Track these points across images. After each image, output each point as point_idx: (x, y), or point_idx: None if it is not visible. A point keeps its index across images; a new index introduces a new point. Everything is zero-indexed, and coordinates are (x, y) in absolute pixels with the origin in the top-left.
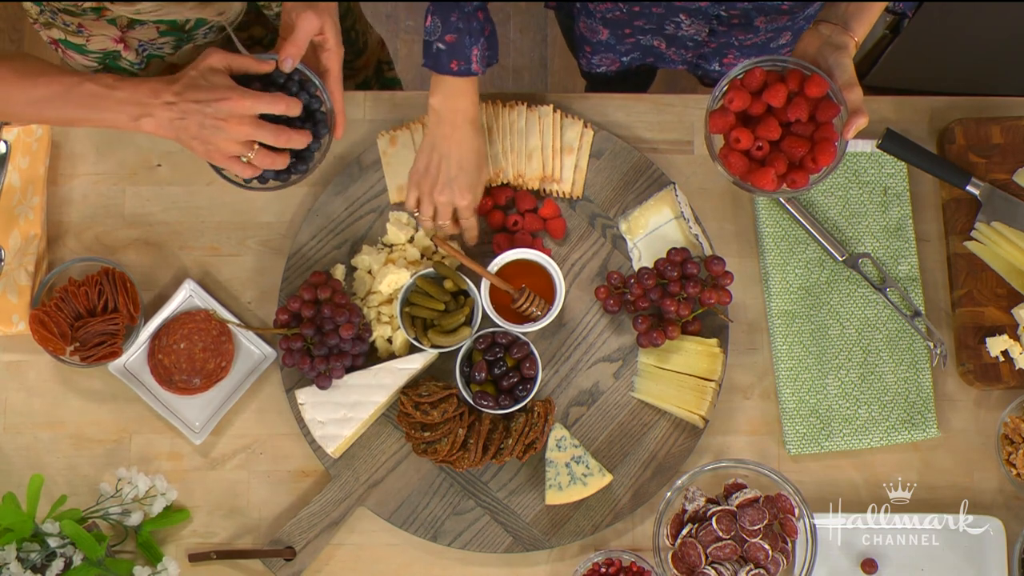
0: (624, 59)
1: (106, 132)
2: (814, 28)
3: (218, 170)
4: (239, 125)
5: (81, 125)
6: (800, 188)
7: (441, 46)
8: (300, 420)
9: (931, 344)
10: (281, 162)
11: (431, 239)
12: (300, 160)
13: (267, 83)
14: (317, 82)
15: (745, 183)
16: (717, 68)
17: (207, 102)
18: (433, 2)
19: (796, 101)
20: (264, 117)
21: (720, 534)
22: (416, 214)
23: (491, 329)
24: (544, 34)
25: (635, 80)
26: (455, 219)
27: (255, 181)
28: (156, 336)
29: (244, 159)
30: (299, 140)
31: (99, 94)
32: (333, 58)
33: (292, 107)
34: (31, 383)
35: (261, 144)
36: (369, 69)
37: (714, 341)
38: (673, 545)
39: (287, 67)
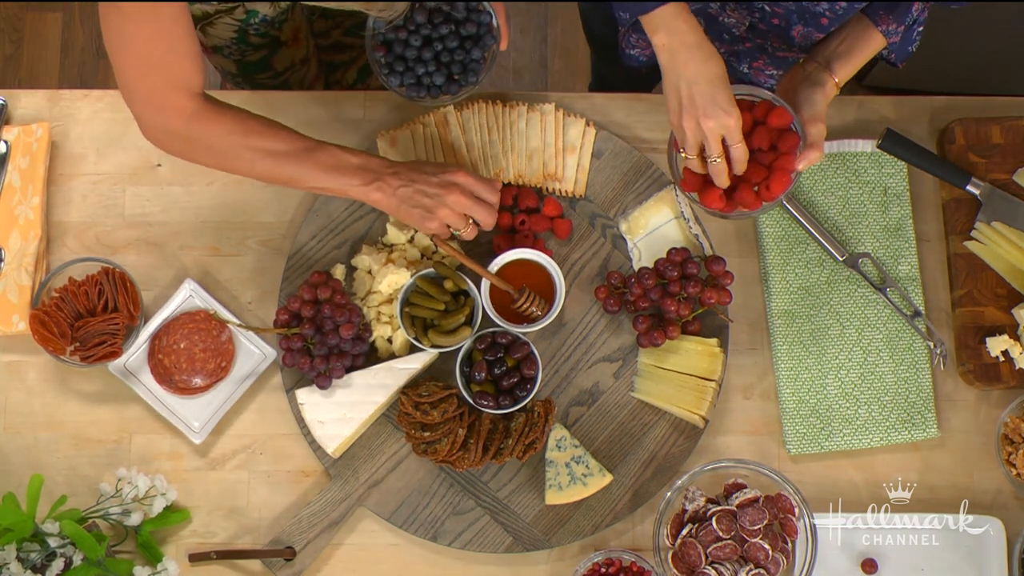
0: None
1: (106, 132)
2: (800, 65)
3: (392, 86)
4: (459, 196)
5: (302, 187)
6: (751, 212)
7: None
8: (300, 420)
9: (931, 344)
10: (491, 219)
11: (431, 239)
12: (470, 72)
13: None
14: None
15: (697, 201)
16: (745, 71)
17: (433, 173)
18: None
19: (759, 130)
20: None
21: (720, 534)
22: (687, 157)
23: (491, 329)
24: (544, 34)
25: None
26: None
27: (428, 96)
28: (156, 336)
29: (456, 233)
30: (494, 216)
31: (340, 159)
32: None
33: (499, 194)
34: (31, 383)
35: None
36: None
37: (714, 341)
38: (673, 545)
39: None
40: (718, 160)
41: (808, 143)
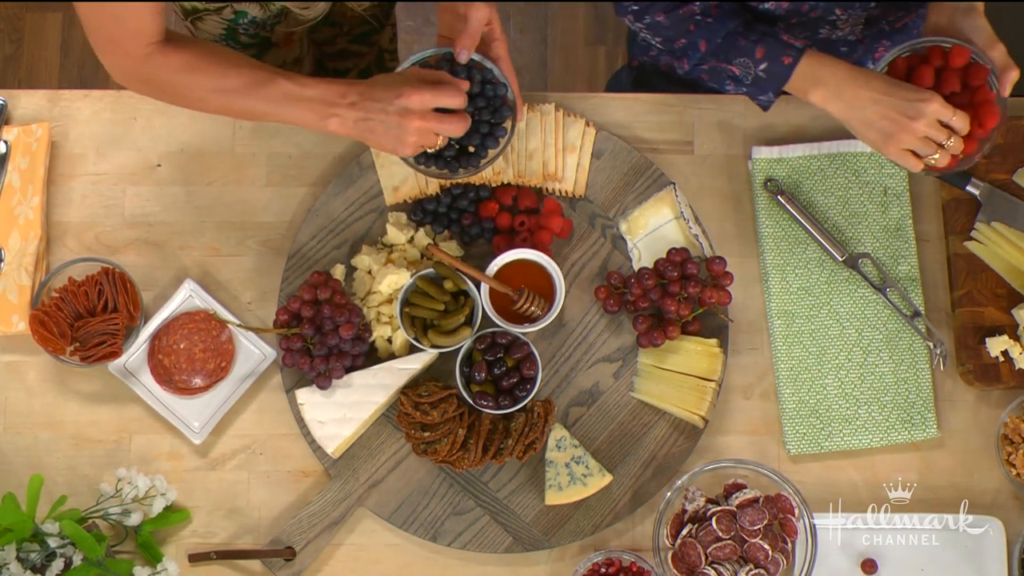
0: None
1: (106, 132)
2: (937, 2)
3: (410, 162)
4: (420, 120)
5: (264, 120)
6: (974, 155)
7: (762, 67)
8: (300, 420)
9: (931, 344)
10: (461, 129)
11: (426, 247)
12: (492, 139)
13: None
14: (494, 70)
15: (930, 172)
16: (870, 65)
17: (387, 100)
18: (718, 55)
19: (945, 76)
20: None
21: (720, 534)
22: (934, 160)
23: (491, 329)
24: (544, 34)
25: None
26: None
27: (446, 170)
28: (156, 336)
29: (431, 151)
30: (466, 123)
31: (291, 92)
32: (502, 46)
33: (463, 98)
34: (31, 383)
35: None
36: (372, 55)
37: (714, 341)
38: (673, 545)
39: (463, 59)
40: (951, 142)
41: (999, 66)
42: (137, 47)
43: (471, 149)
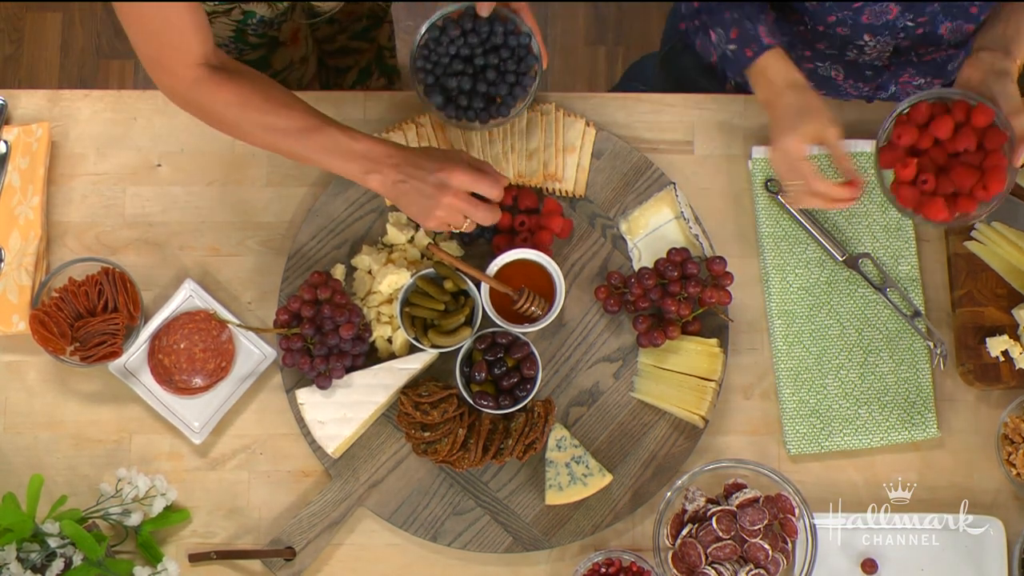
0: None
1: (106, 132)
2: (974, 56)
3: (440, 113)
4: (453, 198)
5: (306, 164)
6: (970, 215)
7: (731, 47)
8: (300, 420)
9: (931, 344)
10: (490, 219)
11: (427, 247)
12: (521, 87)
13: (472, 30)
14: (516, 20)
15: (917, 215)
16: (893, 90)
17: (429, 170)
18: (706, 15)
19: (963, 131)
20: None
21: (720, 534)
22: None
23: (491, 329)
24: (544, 34)
25: None
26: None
27: (477, 120)
28: (156, 336)
29: (456, 231)
30: (496, 215)
31: (340, 143)
32: None
33: (500, 191)
34: (31, 383)
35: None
36: (372, 52)
37: (714, 341)
38: (673, 545)
39: (485, 12)
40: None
41: (1019, 136)
42: (182, 67)
43: (499, 100)
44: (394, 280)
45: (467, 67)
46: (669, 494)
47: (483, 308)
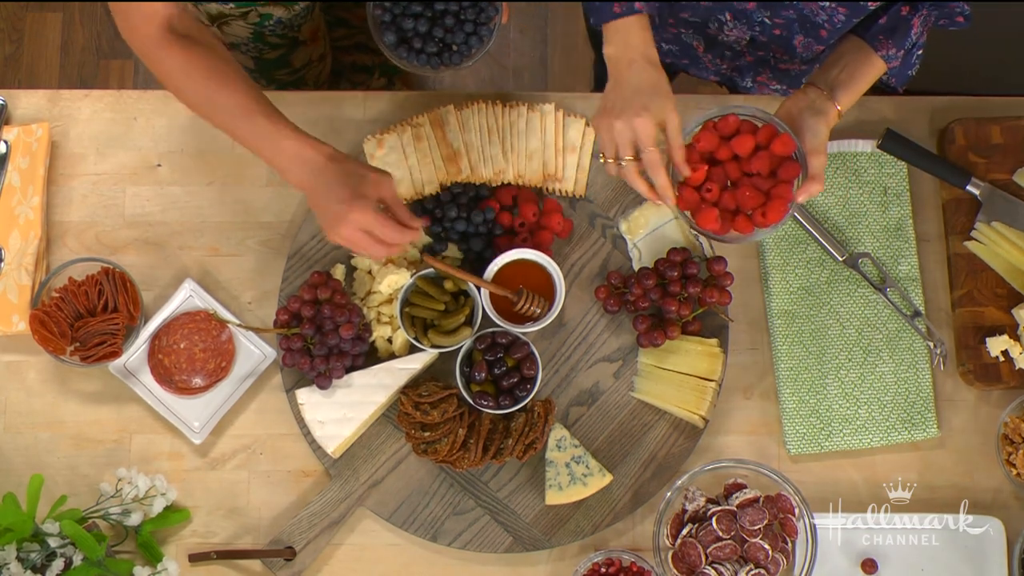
0: (660, 47)
1: (106, 132)
2: (803, 89)
3: (391, 53)
4: (351, 232)
5: (239, 143)
6: (745, 237)
7: None
8: (300, 420)
9: (931, 344)
10: (377, 257)
11: (420, 252)
12: (477, 37)
13: None
14: None
15: (691, 219)
16: (749, 85)
17: (344, 189)
18: None
19: (761, 154)
20: None
21: (720, 534)
22: (605, 161)
23: (491, 329)
24: (544, 34)
25: None
26: (638, 156)
27: (428, 65)
28: (156, 336)
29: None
30: (413, 235)
31: (270, 134)
32: None
33: (398, 247)
34: (31, 383)
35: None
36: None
37: (714, 341)
38: (673, 545)
39: None
40: (631, 161)
41: (809, 175)
42: (143, 25)
43: (454, 48)
44: (394, 280)
45: (426, 9)
46: (669, 494)
47: (483, 308)
